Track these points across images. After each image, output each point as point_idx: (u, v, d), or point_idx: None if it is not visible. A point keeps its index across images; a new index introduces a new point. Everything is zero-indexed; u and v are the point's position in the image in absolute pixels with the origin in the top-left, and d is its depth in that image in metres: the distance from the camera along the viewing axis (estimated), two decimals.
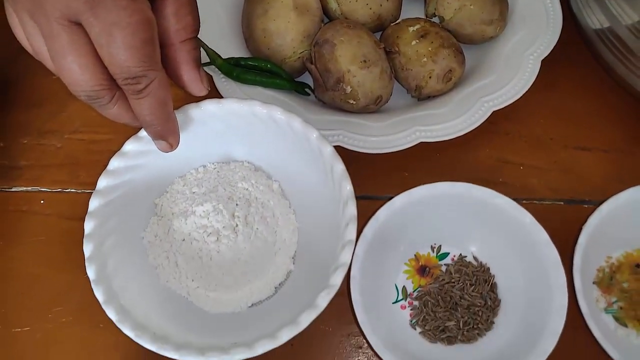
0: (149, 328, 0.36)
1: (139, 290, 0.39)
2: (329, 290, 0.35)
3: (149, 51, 0.30)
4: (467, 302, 0.40)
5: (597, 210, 0.38)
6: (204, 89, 0.36)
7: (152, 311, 0.39)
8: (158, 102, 0.32)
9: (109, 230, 0.39)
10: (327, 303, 0.35)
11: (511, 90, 0.44)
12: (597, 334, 0.35)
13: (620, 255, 0.42)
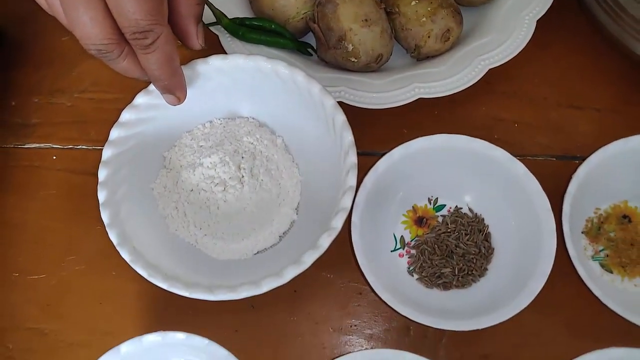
0: (160, 269, 0.38)
1: (149, 237, 0.41)
2: (331, 232, 0.37)
3: (156, 5, 0.30)
4: (462, 251, 0.43)
5: (586, 160, 0.40)
6: (197, 44, 0.37)
7: (162, 256, 0.41)
8: (165, 56, 0.33)
9: (121, 179, 0.41)
10: (329, 244, 0.37)
11: (507, 49, 0.46)
12: (583, 273, 0.37)
13: (608, 207, 0.44)
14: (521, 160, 0.43)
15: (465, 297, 0.41)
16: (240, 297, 0.37)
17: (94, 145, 0.49)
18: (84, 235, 0.46)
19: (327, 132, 0.42)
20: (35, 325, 0.44)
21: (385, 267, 0.42)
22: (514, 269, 0.40)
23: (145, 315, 0.44)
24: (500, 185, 0.42)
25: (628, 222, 0.43)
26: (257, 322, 0.43)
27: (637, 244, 0.42)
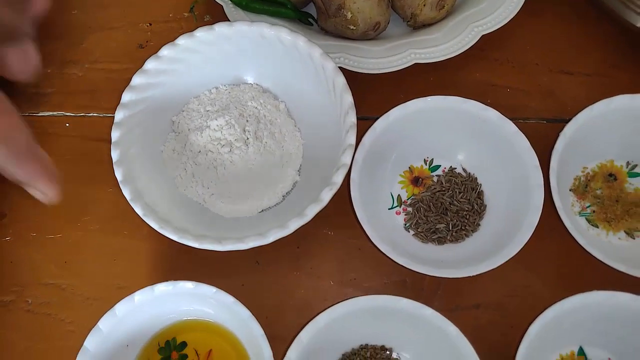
0: (170, 222, 0.41)
1: (159, 195, 0.44)
2: (332, 186, 0.40)
3: None
4: (456, 208, 0.45)
5: (573, 119, 0.42)
6: None
7: (172, 212, 0.43)
8: None
9: (132, 139, 0.43)
10: (330, 198, 0.39)
11: (499, 16, 0.48)
12: (569, 224, 0.39)
13: (595, 166, 0.46)
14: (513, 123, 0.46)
15: (459, 250, 0.44)
16: (248, 247, 0.39)
17: (105, 113, 0.52)
18: (97, 197, 0.49)
19: (328, 95, 0.44)
20: (53, 281, 0.46)
21: (383, 224, 0.44)
22: (505, 223, 0.43)
23: (155, 271, 0.46)
24: (492, 144, 0.44)
25: (614, 180, 0.46)
26: (262, 277, 0.46)
27: (621, 201, 0.45)
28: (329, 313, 0.39)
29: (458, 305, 0.44)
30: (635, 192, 0.45)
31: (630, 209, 0.44)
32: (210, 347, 0.43)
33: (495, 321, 0.43)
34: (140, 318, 0.42)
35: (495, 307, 0.44)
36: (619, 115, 0.43)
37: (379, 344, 0.43)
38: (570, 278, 0.44)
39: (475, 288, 0.44)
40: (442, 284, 0.44)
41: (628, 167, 0.46)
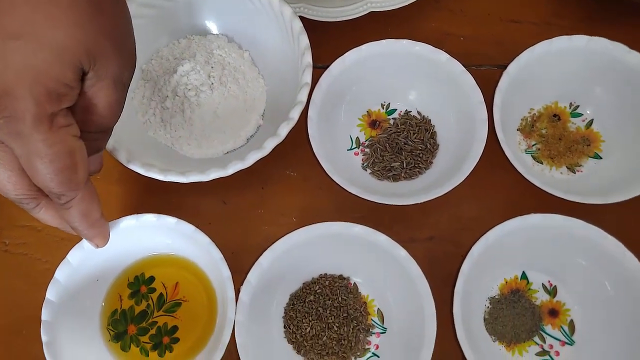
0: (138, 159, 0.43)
1: (129, 138, 0.46)
2: (289, 122, 0.42)
3: (66, 176, 0.31)
4: (410, 147, 0.48)
5: (515, 59, 0.45)
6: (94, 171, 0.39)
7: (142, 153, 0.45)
8: (81, 213, 0.34)
9: None
10: (287, 132, 0.42)
11: None
12: (509, 154, 0.42)
13: (541, 107, 0.49)
14: (467, 70, 0.48)
15: (412, 185, 0.47)
16: (209, 179, 0.42)
17: None
18: None
19: (287, 40, 0.46)
20: (29, 224, 0.49)
21: (342, 162, 0.47)
22: (453, 158, 0.45)
23: (125, 212, 0.48)
24: (442, 84, 0.47)
25: (558, 120, 0.49)
26: (229, 216, 0.48)
27: (564, 139, 0.48)
28: (287, 239, 0.42)
29: (413, 238, 0.47)
30: (577, 130, 0.48)
31: (571, 146, 0.47)
32: (177, 279, 0.46)
33: (448, 251, 0.46)
34: (108, 252, 0.44)
35: (449, 239, 0.47)
36: (559, 56, 0.46)
37: (337, 273, 0.46)
38: (516, 209, 0.46)
39: (430, 222, 0.47)
40: (398, 218, 0.47)
41: (571, 108, 0.49)
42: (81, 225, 0.35)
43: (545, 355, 0.42)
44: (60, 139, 0.30)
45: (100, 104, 0.33)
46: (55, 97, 0.29)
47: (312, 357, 0.44)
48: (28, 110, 0.28)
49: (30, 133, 0.29)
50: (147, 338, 0.44)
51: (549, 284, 0.44)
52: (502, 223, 0.41)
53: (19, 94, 0.28)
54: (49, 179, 0.31)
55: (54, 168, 0.30)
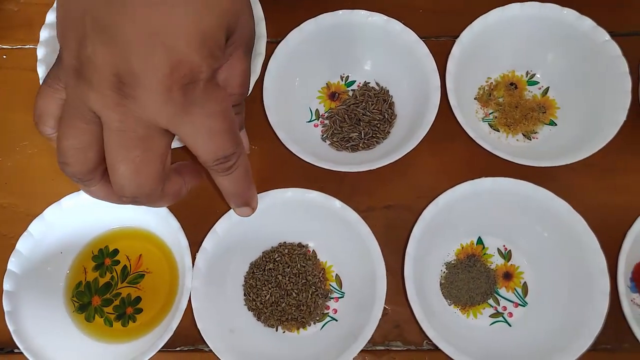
0: None
1: None
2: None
3: (235, 131, 0.32)
4: (368, 118, 0.48)
5: (468, 27, 0.45)
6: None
7: None
8: (243, 173, 0.34)
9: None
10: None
11: None
12: (461, 119, 0.43)
13: (498, 76, 0.50)
14: (426, 41, 0.49)
15: (370, 155, 0.47)
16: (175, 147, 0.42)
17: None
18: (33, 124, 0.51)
19: None
20: None
21: (301, 134, 0.48)
22: (410, 127, 0.46)
23: None
24: (398, 54, 0.47)
25: (514, 88, 0.49)
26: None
27: (520, 106, 0.48)
28: None
29: (371, 207, 0.47)
30: (533, 98, 0.49)
31: (527, 114, 0.48)
32: (141, 252, 0.47)
33: (405, 218, 0.46)
34: (71, 225, 0.45)
35: (406, 207, 0.47)
36: (513, 24, 0.46)
37: (296, 241, 0.46)
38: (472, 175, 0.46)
39: (388, 191, 0.48)
40: (357, 189, 0.48)
41: (527, 76, 0.49)
42: (244, 186, 0.35)
43: (499, 316, 0.43)
44: (224, 95, 0.30)
45: (236, 72, 0.33)
46: (216, 59, 0.29)
47: (272, 323, 0.45)
48: (202, 73, 0.28)
49: (203, 96, 0.28)
50: (111, 309, 0.45)
51: (504, 248, 0.45)
52: (452, 188, 0.42)
53: (192, 60, 0.27)
54: (224, 139, 0.30)
55: (226, 124, 0.30)
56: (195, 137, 0.29)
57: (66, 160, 0.31)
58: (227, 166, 0.32)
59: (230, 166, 0.32)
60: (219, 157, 0.31)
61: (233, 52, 0.32)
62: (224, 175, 0.33)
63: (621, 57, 0.43)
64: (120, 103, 0.27)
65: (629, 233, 0.40)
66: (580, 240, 0.40)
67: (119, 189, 0.30)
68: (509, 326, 0.43)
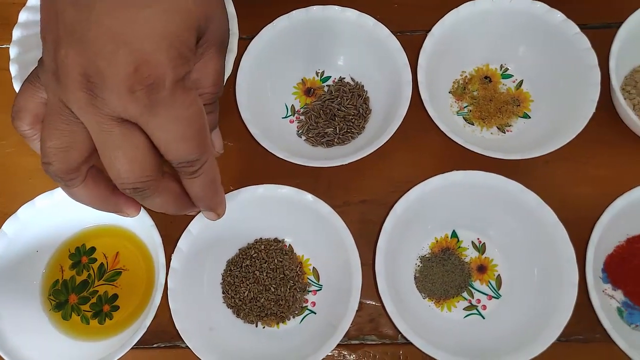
0: None
1: None
2: None
3: (202, 137, 0.31)
4: (343, 113, 0.48)
5: (440, 21, 0.46)
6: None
7: None
8: (209, 179, 0.34)
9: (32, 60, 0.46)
10: None
11: None
12: (432, 113, 0.43)
13: (472, 70, 0.50)
14: (401, 36, 0.49)
15: (344, 149, 0.47)
16: None
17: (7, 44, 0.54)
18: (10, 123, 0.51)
19: None
20: None
21: (276, 130, 0.48)
22: (383, 121, 0.46)
23: None
24: (371, 49, 0.47)
25: (489, 82, 0.49)
26: None
27: (494, 100, 0.48)
28: None
29: (347, 201, 0.48)
30: (507, 91, 0.49)
31: (502, 107, 0.48)
32: (118, 249, 0.47)
33: (380, 213, 0.46)
34: (46, 223, 0.45)
35: (380, 201, 0.47)
36: (484, 18, 0.46)
37: (272, 236, 0.47)
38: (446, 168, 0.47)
39: (363, 186, 0.48)
40: (333, 184, 0.48)
41: (501, 70, 0.49)
42: (209, 192, 0.35)
43: (473, 309, 0.44)
44: (193, 100, 0.30)
45: (209, 71, 0.33)
46: (185, 60, 0.29)
47: (252, 319, 0.45)
48: (167, 75, 0.28)
49: (168, 98, 0.28)
50: (87, 307, 0.45)
51: (478, 241, 0.45)
52: (424, 181, 0.42)
53: (157, 61, 0.27)
54: (187, 145, 0.30)
55: (192, 130, 0.30)
56: (158, 138, 0.29)
57: (49, 160, 0.31)
58: (191, 170, 0.32)
59: (195, 171, 0.32)
60: (182, 161, 0.31)
61: (205, 52, 0.32)
62: (189, 179, 0.33)
63: (590, 50, 0.43)
64: (91, 103, 0.28)
65: (597, 225, 0.40)
66: (550, 232, 0.40)
67: (120, 184, 0.30)
68: (483, 319, 0.43)
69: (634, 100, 0.46)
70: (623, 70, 0.47)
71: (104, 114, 0.28)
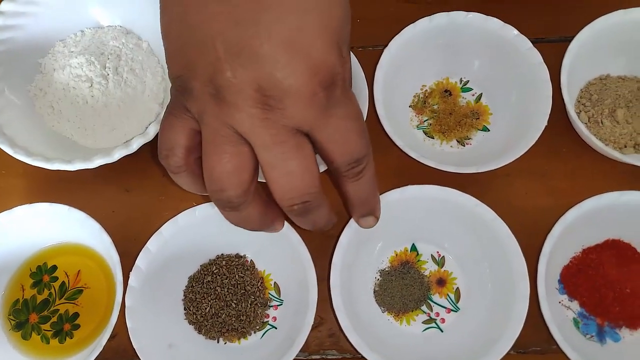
0: (28, 150, 0.44)
1: (27, 132, 0.47)
2: (157, 122, 0.43)
3: (367, 133, 0.31)
4: None
5: (397, 35, 0.46)
6: None
7: (41, 147, 0.46)
8: (371, 178, 0.34)
9: None
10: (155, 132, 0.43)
11: None
12: (388, 128, 0.43)
13: (433, 83, 0.50)
14: (362, 51, 0.49)
15: None
16: (95, 166, 0.43)
17: None
18: None
19: None
20: None
21: None
22: None
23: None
24: None
25: (449, 95, 0.50)
26: (131, 203, 0.49)
27: (454, 113, 0.49)
28: (173, 223, 0.43)
29: None
30: (467, 105, 0.49)
31: (461, 120, 0.49)
32: (79, 267, 0.47)
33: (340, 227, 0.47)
34: (6, 243, 0.45)
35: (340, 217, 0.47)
36: (441, 32, 0.47)
37: (234, 252, 0.47)
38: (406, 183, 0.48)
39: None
40: None
41: (461, 83, 0.50)
42: (372, 192, 0.35)
43: (431, 322, 0.44)
44: (354, 96, 0.30)
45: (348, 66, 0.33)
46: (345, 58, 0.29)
47: (213, 335, 0.45)
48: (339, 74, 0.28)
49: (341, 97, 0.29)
50: (48, 326, 0.45)
51: (438, 255, 0.45)
52: (380, 195, 0.42)
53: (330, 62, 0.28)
54: (360, 141, 0.30)
55: (362, 126, 0.30)
56: (333, 139, 0.30)
57: (222, 187, 0.30)
58: (358, 170, 0.32)
59: (361, 170, 0.32)
60: (353, 160, 0.31)
61: None
62: (354, 181, 0.33)
63: (542, 64, 0.44)
64: (267, 117, 0.28)
65: (549, 237, 0.41)
66: (504, 245, 0.41)
67: (289, 201, 0.30)
68: (441, 332, 0.43)
69: (589, 113, 0.46)
70: (579, 83, 0.48)
71: (280, 126, 0.28)
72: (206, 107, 0.29)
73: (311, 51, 0.27)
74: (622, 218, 0.42)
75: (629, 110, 0.45)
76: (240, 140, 0.29)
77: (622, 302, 0.41)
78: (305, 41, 0.27)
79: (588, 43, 0.45)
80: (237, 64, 0.27)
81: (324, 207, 0.33)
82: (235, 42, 0.27)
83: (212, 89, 0.28)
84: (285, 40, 0.27)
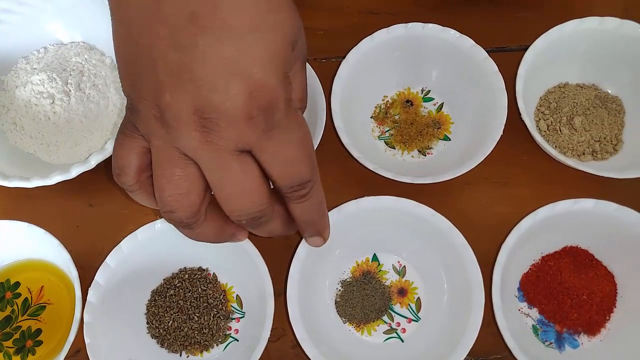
0: None
1: None
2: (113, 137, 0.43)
3: (313, 157, 0.31)
4: None
5: (355, 47, 0.47)
6: None
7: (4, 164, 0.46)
8: (318, 201, 0.33)
9: None
10: None
11: None
12: (346, 140, 0.44)
13: (394, 94, 0.51)
14: (326, 62, 0.50)
15: None
16: (53, 183, 0.43)
17: None
18: None
19: None
20: None
21: None
22: None
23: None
24: None
25: (410, 105, 0.50)
26: (95, 218, 0.49)
27: (415, 123, 0.49)
28: (132, 237, 0.43)
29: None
30: (428, 114, 0.50)
31: (423, 130, 0.49)
32: (42, 283, 0.47)
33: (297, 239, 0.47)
34: None
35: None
36: (399, 43, 0.47)
37: (196, 265, 0.47)
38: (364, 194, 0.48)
39: None
40: None
41: (423, 93, 0.50)
42: (317, 215, 0.35)
43: (392, 332, 0.44)
44: (301, 119, 0.30)
45: (297, 86, 0.33)
46: (289, 79, 0.29)
47: (176, 348, 0.45)
48: (280, 96, 0.28)
49: (283, 120, 0.28)
50: (10, 343, 0.45)
51: (399, 265, 0.46)
52: (337, 207, 0.42)
53: (270, 84, 0.27)
54: (303, 166, 0.30)
55: (306, 150, 0.30)
56: (273, 163, 0.29)
57: (171, 209, 0.30)
58: (301, 194, 0.31)
59: (305, 194, 0.31)
60: (295, 184, 0.30)
61: (293, 66, 0.31)
62: (297, 203, 0.32)
63: (498, 74, 0.44)
64: (207, 140, 0.28)
65: (503, 246, 0.41)
66: (460, 255, 0.41)
67: (237, 216, 0.31)
68: (402, 342, 0.43)
69: (548, 121, 0.47)
70: (538, 91, 0.48)
71: (221, 148, 0.28)
72: (153, 129, 0.29)
73: (251, 73, 0.27)
74: (578, 225, 0.42)
75: (587, 118, 0.46)
76: (188, 162, 0.29)
77: (579, 309, 0.42)
78: (244, 64, 0.27)
79: (544, 52, 0.46)
80: (177, 88, 0.27)
81: (275, 219, 0.33)
82: (174, 66, 0.27)
83: (156, 111, 0.28)
84: (223, 63, 0.27)
